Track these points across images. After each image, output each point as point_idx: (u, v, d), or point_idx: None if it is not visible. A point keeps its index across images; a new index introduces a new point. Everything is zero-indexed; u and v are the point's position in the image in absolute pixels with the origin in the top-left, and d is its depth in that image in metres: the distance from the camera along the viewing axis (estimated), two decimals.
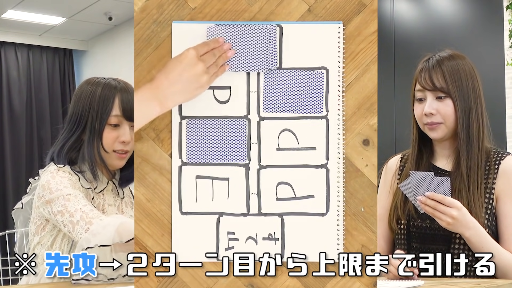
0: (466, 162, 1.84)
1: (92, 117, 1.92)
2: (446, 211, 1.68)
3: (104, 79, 1.99)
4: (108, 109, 1.91)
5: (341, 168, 1.26)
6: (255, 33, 1.26)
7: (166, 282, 1.25)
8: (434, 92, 1.86)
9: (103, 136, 1.92)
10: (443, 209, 1.68)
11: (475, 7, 4.31)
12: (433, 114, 1.85)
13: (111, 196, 2.03)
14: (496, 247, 1.78)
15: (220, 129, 1.27)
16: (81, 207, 1.78)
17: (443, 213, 1.69)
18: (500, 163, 1.87)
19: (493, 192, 1.85)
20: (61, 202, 1.81)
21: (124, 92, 1.95)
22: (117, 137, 1.92)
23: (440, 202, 1.68)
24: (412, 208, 1.86)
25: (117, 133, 1.93)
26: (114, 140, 1.93)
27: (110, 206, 2.01)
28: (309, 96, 1.27)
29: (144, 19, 1.27)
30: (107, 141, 1.93)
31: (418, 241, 1.88)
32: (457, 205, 1.70)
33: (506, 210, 1.84)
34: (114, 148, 1.93)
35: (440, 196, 1.68)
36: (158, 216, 1.26)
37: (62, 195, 1.82)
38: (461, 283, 1.61)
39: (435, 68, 1.86)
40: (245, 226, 1.26)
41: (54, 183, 1.85)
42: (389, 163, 2.06)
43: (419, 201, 1.69)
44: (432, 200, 1.69)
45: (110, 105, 1.92)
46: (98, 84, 1.96)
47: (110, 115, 1.92)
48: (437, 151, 1.95)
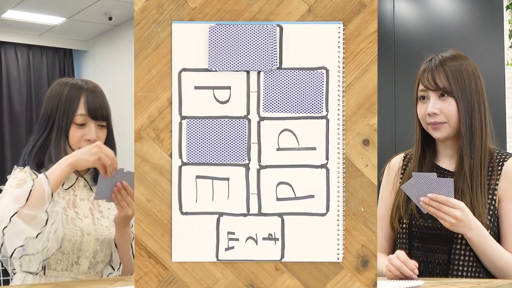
0: (469, 161, 1.84)
1: (59, 116, 2.00)
2: (449, 212, 1.68)
3: (72, 80, 2.07)
4: (74, 109, 1.99)
5: (341, 168, 1.26)
6: (255, 33, 1.27)
7: (166, 282, 1.25)
8: (437, 91, 1.86)
9: (69, 135, 1.99)
10: (447, 210, 1.69)
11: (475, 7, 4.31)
12: (437, 114, 1.85)
13: (84, 191, 2.07)
14: (498, 248, 1.78)
15: (220, 129, 1.27)
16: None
17: (447, 214, 1.69)
18: (503, 164, 1.87)
19: (496, 193, 1.85)
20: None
21: (90, 92, 2.02)
22: (82, 136, 1.99)
23: (443, 203, 1.68)
24: (415, 207, 1.86)
25: (83, 132, 2.00)
26: (80, 138, 2.00)
27: (83, 201, 2.05)
28: (309, 96, 1.27)
29: (144, 19, 1.27)
30: (73, 139, 2.00)
31: (420, 241, 1.88)
32: (460, 206, 1.70)
33: (508, 211, 1.84)
34: (80, 147, 1.98)
35: (443, 198, 1.68)
36: (158, 216, 1.26)
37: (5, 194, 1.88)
38: (461, 283, 1.61)
39: (438, 68, 1.87)
40: (245, 226, 1.26)
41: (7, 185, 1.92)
42: (392, 162, 2.06)
43: (422, 202, 1.69)
44: (436, 202, 1.69)
45: (75, 105, 1.99)
46: (66, 84, 2.05)
47: (76, 114, 1.99)
48: (440, 151, 1.95)
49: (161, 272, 1.25)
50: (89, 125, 1.99)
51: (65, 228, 1.93)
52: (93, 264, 2.00)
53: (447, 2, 4.49)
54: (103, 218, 2.05)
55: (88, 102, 1.99)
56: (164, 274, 1.25)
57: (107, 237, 2.02)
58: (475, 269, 1.81)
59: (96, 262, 2.01)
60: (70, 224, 1.96)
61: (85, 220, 2.00)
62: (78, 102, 1.99)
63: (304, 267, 1.25)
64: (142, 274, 1.25)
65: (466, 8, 4.36)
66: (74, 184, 2.05)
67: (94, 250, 1.99)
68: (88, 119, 1.99)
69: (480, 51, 4.12)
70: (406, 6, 4.74)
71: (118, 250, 2.00)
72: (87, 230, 1.98)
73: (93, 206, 2.06)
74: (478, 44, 4.19)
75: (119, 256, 2.00)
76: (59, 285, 1.78)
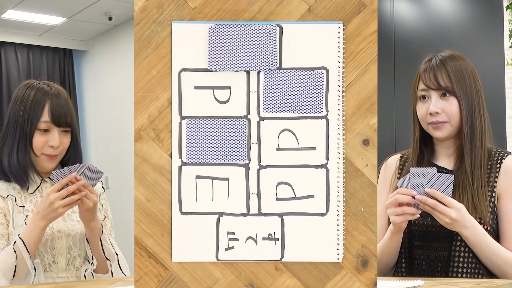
0: (470, 160, 1.85)
1: (24, 121, 2.01)
2: (444, 212, 1.68)
3: (38, 84, 2.08)
4: (38, 115, 2.00)
5: (341, 168, 1.26)
6: (255, 33, 1.27)
7: (166, 282, 1.25)
8: (439, 91, 1.86)
9: (33, 141, 2.01)
10: (442, 209, 1.68)
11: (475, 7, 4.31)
12: (438, 113, 1.86)
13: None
14: (495, 246, 1.78)
15: (220, 129, 1.27)
16: None
17: (442, 213, 1.69)
18: (502, 162, 1.88)
19: (495, 190, 1.86)
20: None
21: (55, 98, 2.04)
22: (46, 142, 2.01)
23: (440, 200, 1.68)
24: None
25: (46, 138, 2.02)
26: (44, 144, 2.03)
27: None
28: (309, 96, 1.27)
29: (144, 19, 1.27)
30: (37, 145, 2.02)
31: (419, 239, 1.89)
32: (456, 206, 1.69)
33: (507, 208, 1.84)
34: (44, 152, 2.03)
35: (440, 195, 1.68)
36: (158, 216, 1.26)
37: None
38: (461, 283, 1.61)
39: (439, 67, 1.87)
40: (245, 226, 1.26)
41: None
42: (389, 161, 2.06)
43: (418, 200, 1.69)
44: (433, 199, 1.68)
45: (40, 111, 2.01)
46: (32, 88, 2.06)
47: (40, 121, 2.01)
48: (438, 151, 1.95)
49: (161, 272, 1.25)
50: (52, 131, 2.01)
51: None
52: (70, 261, 2.01)
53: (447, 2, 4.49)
54: (74, 213, 2.07)
55: (52, 109, 2.00)
56: (164, 274, 1.25)
57: (79, 231, 2.04)
58: (476, 265, 1.81)
59: (73, 257, 2.02)
60: None
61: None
62: (43, 108, 2.00)
63: (304, 267, 1.25)
64: (142, 274, 1.25)
65: (466, 8, 4.36)
66: (39, 186, 2.06)
67: (67, 246, 2.01)
68: (51, 125, 2.01)
69: (480, 51, 4.12)
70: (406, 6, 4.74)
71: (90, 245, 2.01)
72: (57, 227, 2.00)
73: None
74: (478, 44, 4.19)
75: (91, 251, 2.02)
76: (59, 285, 1.78)
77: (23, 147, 2.00)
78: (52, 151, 2.01)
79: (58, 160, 2.06)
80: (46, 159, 2.02)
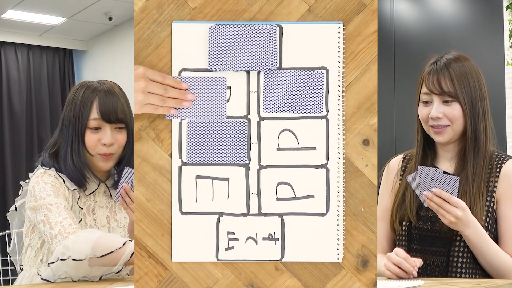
0: (472, 167, 1.85)
1: (74, 121, 1.96)
2: (451, 211, 1.69)
3: (89, 83, 2.03)
4: (87, 113, 1.95)
5: (341, 168, 1.26)
6: (255, 33, 1.27)
7: (166, 282, 1.25)
8: (442, 96, 1.85)
9: (85, 140, 1.95)
10: (449, 208, 1.69)
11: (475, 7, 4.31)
12: (440, 118, 1.84)
13: (103, 198, 2.03)
14: (495, 248, 1.78)
15: (220, 129, 1.27)
16: (61, 220, 1.81)
17: (448, 212, 1.69)
18: (501, 167, 1.87)
19: (494, 195, 1.86)
20: (44, 211, 1.84)
21: (104, 95, 1.97)
22: (98, 140, 1.95)
23: (447, 200, 1.69)
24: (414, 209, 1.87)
25: (98, 136, 1.96)
26: (96, 143, 1.96)
27: (101, 208, 2.02)
28: (309, 96, 1.27)
29: (144, 19, 1.27)
30: (90, 144, 1.96)
31: (418, 243, 1.88)
32: (462, 205, 1.70)
33: (506, 213, 1.84)
34: (98, 151, 1.97)
35: (447, 195, 1.69)
36: (158, 216, 1.26)
37: (45, 204, 1.85)
38: (461, 283, 1.61)
39: (443, 71, 1.85)
40: (245, 226, 1.26)
41: (38, 190, 1.89)
42: (391, 163, 2.06)
43: (425, 196, 1.69)
44: (439, 198, 1.69)
45: (88, 109, 1.95)
46: (82, 87, 2.01)
47: (89, 118, 1.95)
48: (440, 154, 1.95)
49: (161, 272, 1.25)
50: (104, 128, 1.95)
51: None
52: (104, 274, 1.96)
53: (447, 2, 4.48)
54: (118, 228, 2.03)
55: (100, 105, 1.94)
56: (164, 274, 1.25)
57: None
58: (473, 271, 1.81)
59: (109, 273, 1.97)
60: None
61: (101, 229, 1.98)
62: (91, 106, 1.94)
63: (304, 267, 1.25)
64: (142, 274, 1.25)
65: (466, 8, 4.36)
66: (95, 190, 2.02)
67: None
68: (102, 123, 1.95)
69: (480, 51, 4.12)
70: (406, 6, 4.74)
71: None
72: None
73: (110, 215, 2.04)
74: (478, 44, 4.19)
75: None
76: (59, 285, 1.78)
77: (76, 148, 1.95)
78: (105, 149, 1.95)
79: (115, 159, 2.00)
80: (101, 159, 1.96)
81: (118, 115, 1.96)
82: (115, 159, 2.00)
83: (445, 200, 1.69)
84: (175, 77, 1.25)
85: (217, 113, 1.27)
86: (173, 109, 1.25)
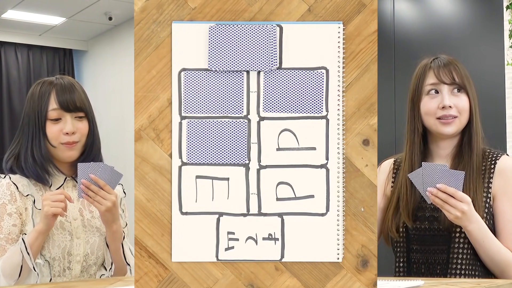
0: (470, 162, 1.86)
1: (34, 115, 1.98)
2: (457, 205, 1.69)
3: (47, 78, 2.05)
4: (45, 104, 1.97)
5: (341, 168, 1.26)
6: (255, 33, 1.27)
7: (166, 282, 1.25)
8: (452, 85, 1.88)
9: (46, 132, 1.97)
10: (454, 203, 1.69)
11: (475, 7, 4.31)
12: (451, 107, 1.86)
13: (73, 192, 2.02)
14: (496, 243, 1.79)
15: (220, 129, 1.27)
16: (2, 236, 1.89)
17: (453, 207, 1.69)
18: (496, 163, 1.89)
19: (490, 191, 1.87)
20: None
21: (61, 86, 1.99)
22: (60, 130, 1.96)
23: (452, 195, 1.69)
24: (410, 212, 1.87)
25: (59, 126, 1.97)
26: (58, 133, 1.97)
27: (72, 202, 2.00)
28: (309, 96, 1.27)
29: (144, 19, 1.27)
30: (51, 135, 1.97)
31: (418, 243, 1.89)
32: (467, 200, 1.71)
33: (503, 208, 1.85)
34: (60, 141, 1.98)
35: (452, 190, 1.69)
36: (158, 216, 1.26)
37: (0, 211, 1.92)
38: (461, 283, 1.61)
39: (451, 63, 1.90)
40: (245, 226, 1.26)
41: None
42: (382, 165, 2.07)
43: (430, 192, 1.69)
44: (444, 193, 1.69)
45: (46, 100, 1.97)
46: (39, 83, 2.03)
47: (48, 110, 1.97)
48: (435, 152, 1.96)
49: (161, 272, 1.25)
50: (64, 118, 1.96)
51: (54, 233, 1.91)
52: (85, 268, 1.97)
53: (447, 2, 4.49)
54: (93, 219, 2.02)
55: (58, 96, 1.96)
56: (164, 274, 1.25)
57: (98, 239, 1.99)
58: (474, 267, 1.82)
59: (88, 265, 1.97)
60: (59, 229, 1.93)
61: (74, 223, 1.97)
62: (49, 97, 1.96)
63: (304, 267, 1.25)
64: (142, 274, 1.25)
65: (466, 8, 4.36)
66: (62, 185, 2.01)
67: (84, 253, 1.96)
68: (62, 112, 1.96)
69: (480, 51, 4.11)
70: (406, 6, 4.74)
71: (109, 250, 1.96)
72: (76, 234, 1.96)
73: (82, 207, 2.02)
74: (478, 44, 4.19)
75: (110, 256, 1.97)
76: (59, 285, 1.78)
77: (37, 142, 1.96)
78: (68, 138, 1.95)
79: (79, 148, 2.00)
80: (65, 148, 1.96)
81: (76, 104, 1.98)
82: (79, 148, 2.00)
83: (450, 195, 1.69)
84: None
85: (217, 113, 1.27)
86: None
